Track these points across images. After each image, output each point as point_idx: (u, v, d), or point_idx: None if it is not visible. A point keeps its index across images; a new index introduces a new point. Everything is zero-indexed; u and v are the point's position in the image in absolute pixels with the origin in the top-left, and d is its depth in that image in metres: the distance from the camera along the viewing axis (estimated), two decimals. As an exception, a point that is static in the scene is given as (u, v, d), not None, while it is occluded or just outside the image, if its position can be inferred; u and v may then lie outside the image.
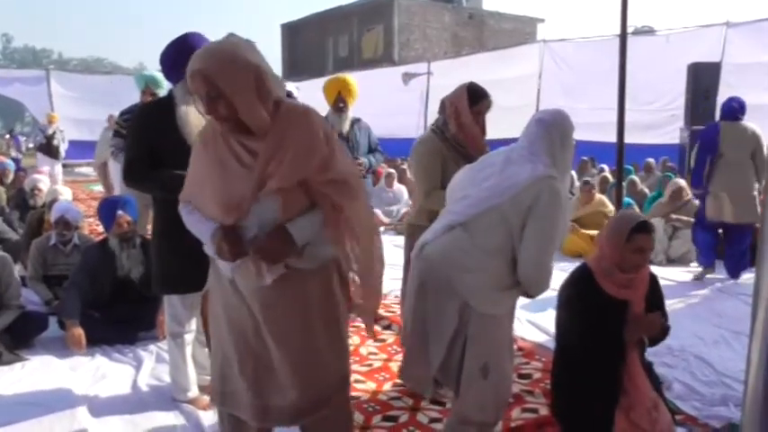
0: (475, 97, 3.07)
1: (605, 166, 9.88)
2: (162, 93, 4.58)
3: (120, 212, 4.06)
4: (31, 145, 26.73)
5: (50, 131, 12.00)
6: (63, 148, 12.19)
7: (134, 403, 3.19)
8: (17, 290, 3.96)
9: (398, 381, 3.31)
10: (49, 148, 11.92)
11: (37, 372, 3.53)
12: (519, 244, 2.25)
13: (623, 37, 3.40)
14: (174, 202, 2.39)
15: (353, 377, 3.46)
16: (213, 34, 3.09)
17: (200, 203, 2.06)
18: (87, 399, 3.20)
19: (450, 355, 2.30)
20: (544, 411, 3.04)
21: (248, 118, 1.87)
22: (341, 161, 2.02)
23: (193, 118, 2.82)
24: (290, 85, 5.78)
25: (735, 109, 5.77)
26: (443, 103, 3.19)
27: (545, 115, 2.49)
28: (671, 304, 4.90)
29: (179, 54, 2.78)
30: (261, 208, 1.93)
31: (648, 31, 16.78)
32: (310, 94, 5.91)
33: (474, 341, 2.27)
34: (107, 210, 4.20)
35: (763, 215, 0.72)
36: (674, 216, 6.55)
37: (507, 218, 2.25)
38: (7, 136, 21.66)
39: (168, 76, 3.06)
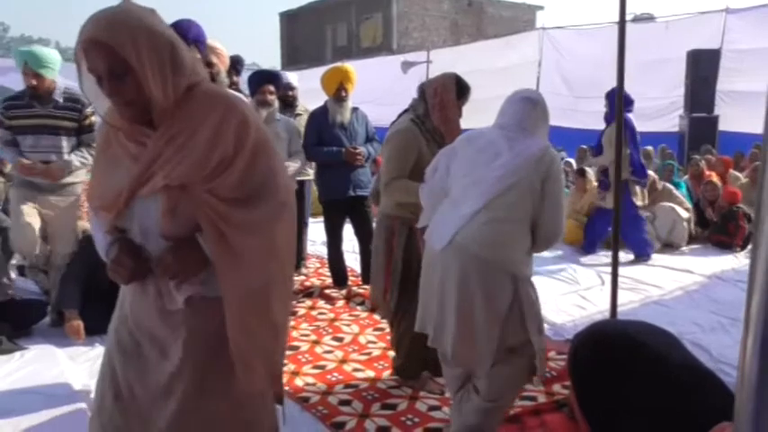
0: (463, 90, 3.04)
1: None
2: (49, 74, 3.94)
3: (121, 207, 4.06)
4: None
5: None
6: None
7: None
8: (3, 267, 3.96)
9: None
10: None
11: (36, 361, 3.54)
12: (538, 209, 2.40)
13: (622, 24, 3.38)
14: None
15: (352, 366, 3.49)
16: (212, 23, 3.08)
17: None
18: (87, 388, 3.21)
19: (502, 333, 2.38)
20: (542, 399, 3.06)
21: (159, 98, 1.48)
22: (263, 177, 1.57)
23: None
24: (291, 76, 5.74)
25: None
26: (423, 92, 3.07)
27: (530, 94, 2.64)
28: (669, 291, 4.96)
29: None
30: (142, 208, 1.54)
31: (648, 18, 16.69)
32: (309, 83, 5.89)
33: (527, 308, 2.39)
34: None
35: (757, 201, 0.72)
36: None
37: (533, 188, 2.38)
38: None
39: None
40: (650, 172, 7.30)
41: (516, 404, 3.00)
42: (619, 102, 3.47)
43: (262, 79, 4.62)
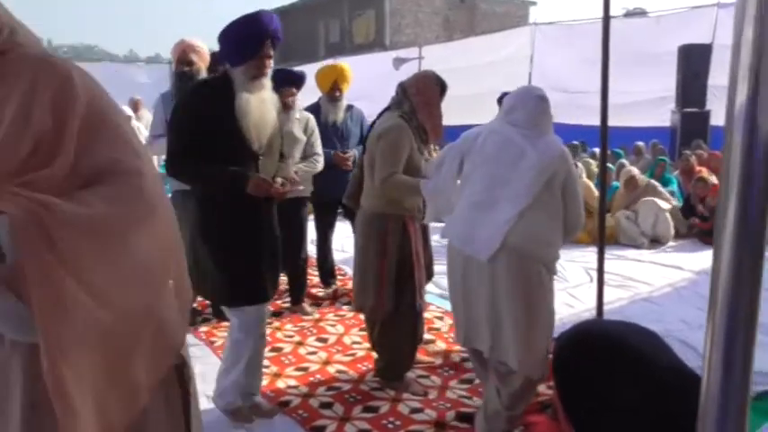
0: (443, 89, 3.11)
1: (597, 150, 9.82)
2: None
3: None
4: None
5: None
6: None
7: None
8: None
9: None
10: None
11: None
12: (564, 202, 2.53)
13: (606, 21, 3.35)
14: (226, 201, 2.47)
15: (336, 367, 3.44)
16: (205, 21, 2.99)
17: None
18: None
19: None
20: (527, 399, 3.02)
21: None
22: (106, 163, 1.06)
23: (254, 108, 2.58)
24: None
25: None
26: (405, 90, 3.10)
27: (540, 92, 2.68)
28: (658, 288, 4.93)
29: (248, 34, 2.52)
30: None
31: (640, 13, 16.67)
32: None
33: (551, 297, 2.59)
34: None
35: (718, 201, 0.69)
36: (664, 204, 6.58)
37: (560, 184, 2.50)
38: None
39: (228, 57, 2.66)
40: (633, 168, 7.23)
41: (500, 405, 2.97)
42: (604, 99, 3.43)
43: (284, 80, 4.10)
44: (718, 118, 10.62)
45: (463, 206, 2.57)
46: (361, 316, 4.23)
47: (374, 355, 3.44)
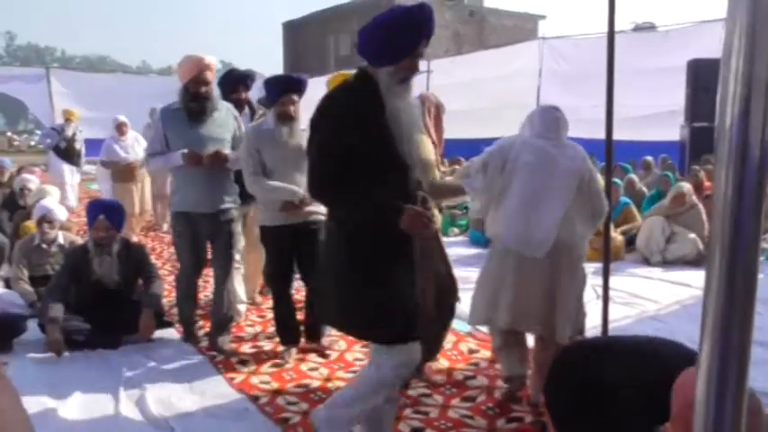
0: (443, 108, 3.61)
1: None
2: None
3: (101, 217, 3.99)
4: (32, 143, 26.70)
5: (70, 132, 9.61)
6: (84, 153, 9.90)
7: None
8: None
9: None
10: (68, 152, 9.56)
11: (13, 380, 3.46)
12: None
13: (611, 36, 3.33)
14: (378, 232, 2.14)
15: (336, 384, 3.40)
16: (216, 34, 2.98)
17: None
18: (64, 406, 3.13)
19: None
20: (529, 419, 2.97)
21: None
22: None
23: (406, 115, 2.25)
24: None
25: None
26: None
27: (556, 108, 3.16)
28: (666, 306, 4.86)
29: (406, 29, 2.16)
30: None
31: (650, 27, 16.65)
32: (312, 92, 5.82)
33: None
34: (91, 211, 4.14)
35: (711, 220, 0.67)
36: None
37: (587, 181, 2.96)
38: (9, 134, 21.61)
39: (374, 55, 2.25)
40: (685, 184, 6.94)
41: (503, 426, 2.92)
42: (609, 114, 3.40)
43: (284, 87, 3.70)
44: (728, 133, 10.54)
45: (513, 211, 2.93)
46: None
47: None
